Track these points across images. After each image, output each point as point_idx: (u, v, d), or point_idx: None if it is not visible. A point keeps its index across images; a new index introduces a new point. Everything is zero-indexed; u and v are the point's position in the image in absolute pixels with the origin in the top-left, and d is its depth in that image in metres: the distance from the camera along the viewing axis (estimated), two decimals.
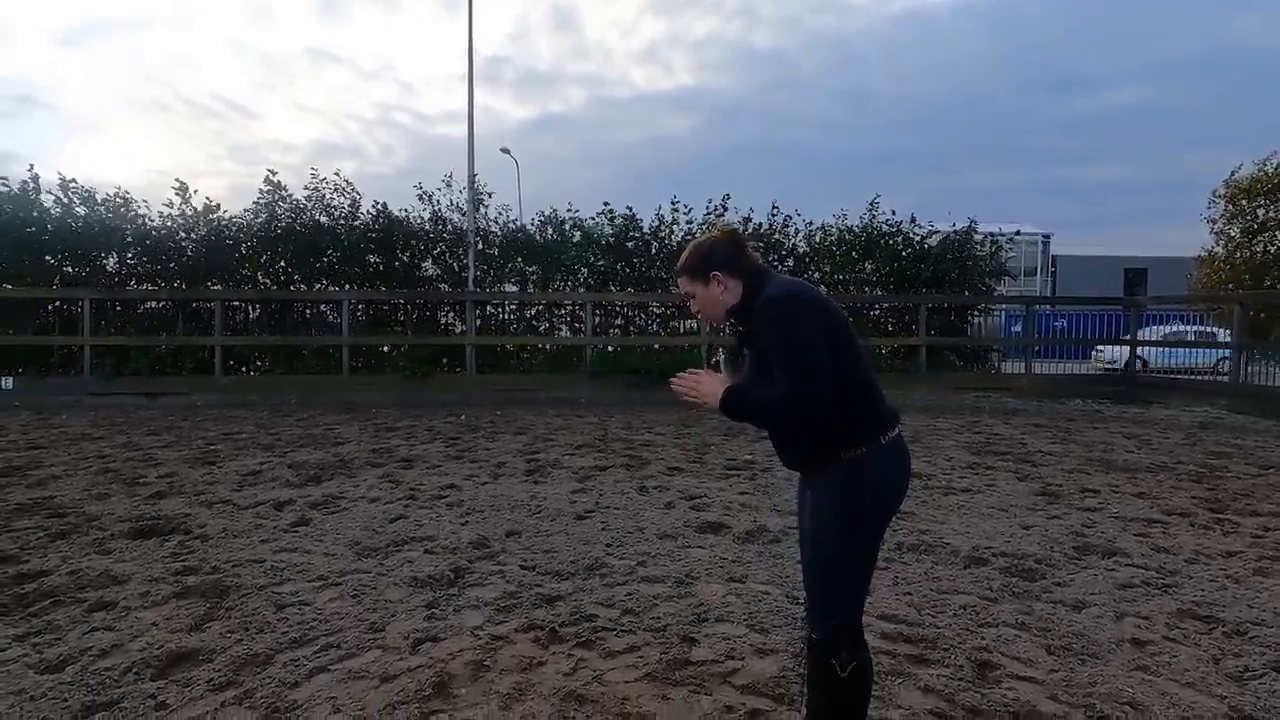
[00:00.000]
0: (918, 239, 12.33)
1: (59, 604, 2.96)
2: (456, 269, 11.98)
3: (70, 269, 11.11)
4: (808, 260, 12.30)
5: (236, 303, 11.26)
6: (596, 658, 2.56)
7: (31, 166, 11.01)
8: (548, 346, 12.03)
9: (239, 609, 2.93)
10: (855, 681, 1.80)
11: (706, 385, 1.85)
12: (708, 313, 1.94)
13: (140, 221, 11.11)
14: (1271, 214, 11.93)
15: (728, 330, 2.14)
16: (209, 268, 11.27)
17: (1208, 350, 11.30)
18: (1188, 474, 5.62)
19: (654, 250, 11.99)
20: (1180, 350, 11.45)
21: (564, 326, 12.06)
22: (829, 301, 1.81)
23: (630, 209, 12.01)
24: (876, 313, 12.27)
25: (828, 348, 1.71)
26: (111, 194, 11.12)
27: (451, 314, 11.86)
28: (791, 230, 12.42)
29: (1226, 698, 2.31)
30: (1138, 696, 2.31)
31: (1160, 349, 11.61)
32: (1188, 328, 12.52)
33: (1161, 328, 12.55)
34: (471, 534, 3.95)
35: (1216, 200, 12.53)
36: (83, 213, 10.97)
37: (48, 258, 10.96)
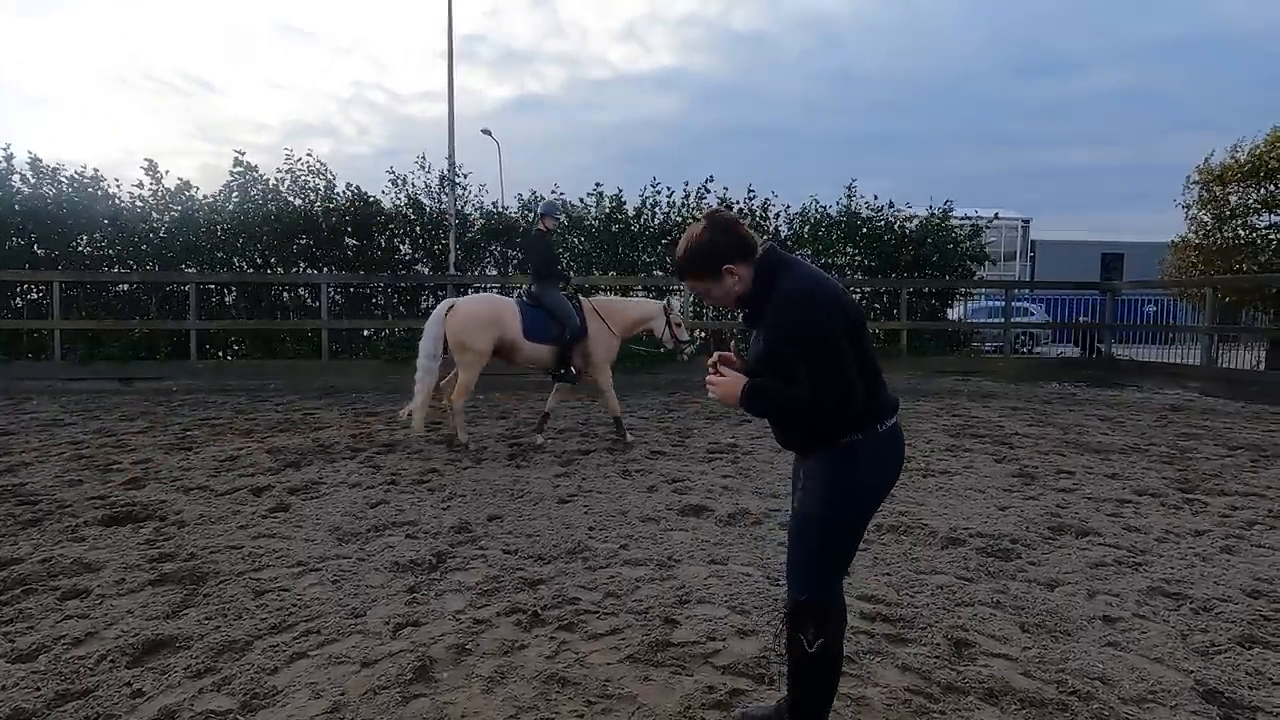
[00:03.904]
0: (897, 223, 12.38)
1: (31, 592, 2.91)
2: (437, 252, 11.84)
3: (39, 251, 10.81)
4: (790, 244, 12.29)
5: (211, 285, 11.04)
6: (579, 640, 2.57)
7: (8, 146, 10.64)
8: None
9: (217, 595, 2.90)
10: (823, 657, 1.81)
11: (723, 386, 1.84)
12: (720, 303, 1.89)
13: (110, 201, 10.82)
14: (1242, 199, 12.07)
15: (735, 316, 2.07)
16: (182, 249, 11.02)
17: None
18: (1159, 455, 5.74)
19: (637, 231, 11.92)
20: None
21: None
22: (843, 292, 1.79)
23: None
24: (858, 296, 12.31)
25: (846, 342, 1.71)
26: (79, 172, 10.80)
27: (432, 298, 11.73)
28: (772, 214, 12.40)
29: (1193, 671, 2.38)
30: (1108, 671, 2.37)
31: None
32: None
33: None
34: (453, 519, 3.94)
35: (1190, 186, 12.66)
36: (51, 192, 10.66)
37: (15, 239, 10.65)
